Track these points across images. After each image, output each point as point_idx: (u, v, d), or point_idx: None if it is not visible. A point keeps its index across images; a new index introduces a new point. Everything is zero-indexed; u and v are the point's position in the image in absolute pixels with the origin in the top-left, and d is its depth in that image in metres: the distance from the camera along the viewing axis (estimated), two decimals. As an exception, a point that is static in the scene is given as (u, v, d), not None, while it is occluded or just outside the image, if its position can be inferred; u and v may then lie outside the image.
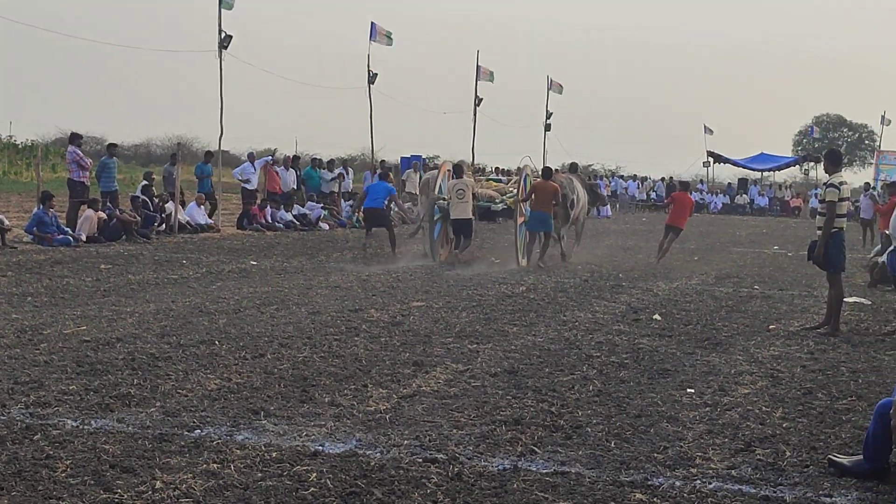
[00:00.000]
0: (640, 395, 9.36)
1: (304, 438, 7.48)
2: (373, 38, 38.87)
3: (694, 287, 19.11)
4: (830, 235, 13.55)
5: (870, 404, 8.88)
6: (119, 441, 7.22)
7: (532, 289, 17.72)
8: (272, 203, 32.42)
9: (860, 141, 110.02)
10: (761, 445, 7.77)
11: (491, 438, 7.66)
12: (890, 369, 11.00)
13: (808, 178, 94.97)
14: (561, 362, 10.81)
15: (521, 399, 9.02)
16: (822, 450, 7.69)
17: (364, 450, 7.23)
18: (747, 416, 8.73)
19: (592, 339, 12.40)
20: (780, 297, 17.94)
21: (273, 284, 16.94)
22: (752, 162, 75.51)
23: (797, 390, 9.86)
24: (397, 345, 11.52)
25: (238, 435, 7.52)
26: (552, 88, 54.79)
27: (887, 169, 67.28)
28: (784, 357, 11.70)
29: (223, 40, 30.56)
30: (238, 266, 20.04)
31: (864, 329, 14.23)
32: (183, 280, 17.30)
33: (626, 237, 33.84)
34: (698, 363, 11.08)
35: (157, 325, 12.23)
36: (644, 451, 7.51)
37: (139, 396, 8.61)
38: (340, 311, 13.99)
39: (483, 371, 10.17)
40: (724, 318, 14.74)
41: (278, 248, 25.07)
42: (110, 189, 27.26)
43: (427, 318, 13.68)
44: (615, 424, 8.25)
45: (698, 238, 34.66)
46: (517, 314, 14.37)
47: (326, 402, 8.63)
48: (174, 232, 27.75)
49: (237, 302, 14.55)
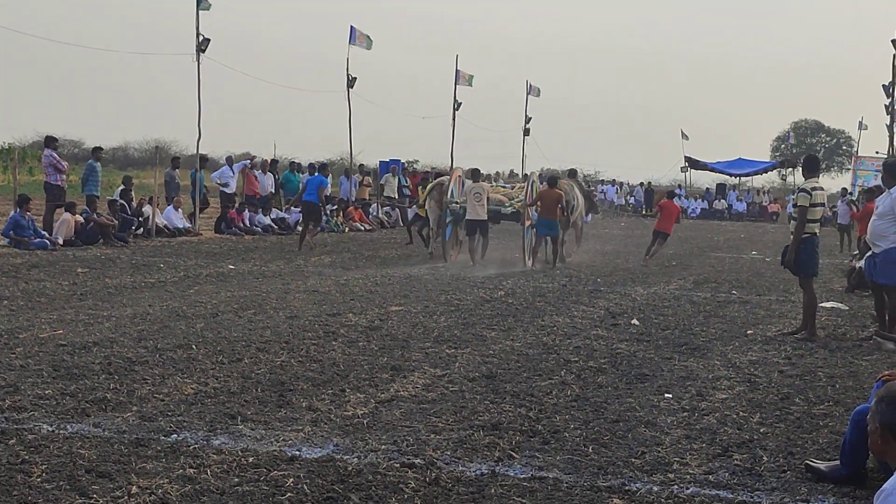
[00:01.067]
0: (617, 400, 9.36)
1: (282, 443, 7.45)
2: (352, 42, 38.81)
3: (672, 292, 19.14)
4: (802, 241, 13.66)
5: (847, 409, 8.90)
6: (95, 446, 7.18)
7: (510, 293, 17.72)
8: (250, 207, 32.37)
9: (838, 146, 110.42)
10: (739, 450, 7.78)
11: (468, 443, 7.64)
12: (867, 374, 11.02)
13: (785, 183, 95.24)
14: (539, 367, 10.81)
15: (499, 404, 9.01)
16: (799, 455, 7.71)
17: (341, 455, 7.21)
18: (725, 421, 8.74)
19: (570, 344, 12.40)
20: (758, 302, 17.99)
21: (251, 288, 16.90)
22: (729, 167, 75.65)
23: (775, 395, 9.88)
24: (375, 349, 11.50)
25: (215, 440, 7.49)
26: (531, 93, 54.82)
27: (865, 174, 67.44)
28: (761, 362, 11.73)
29: (201, 43, 30.50)
30: (216, 270, 19.98)
31: (841, 334, 14.27)
32: (160, 284, 17.24)
33: (605, 242, 33.88)
34: (676, 368, 11.10)
35: (134, 330, 12.17)
36: (622, 456, 7.51)
37: (115, 401, 8.56)
38: (318, 315, 13.96)
39: (461, 376, 10.16)
40: (702, 323, 14.77)
41: (256, 252, 25.02)
42: (96, 193, 27.19)
43: (405, 322, 13.66)
44: (593, 429, 8.25)
45: (677, 243, 34.68)
46: (495, 319, 14.36)
47: (304, 407, 8.60)
48: (152, 235, 27.67)
49: (215, 306, 14.51)
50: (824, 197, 13.83)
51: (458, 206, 24.73)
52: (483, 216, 23.99)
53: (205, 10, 30.51)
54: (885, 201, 13.68)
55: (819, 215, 13.70)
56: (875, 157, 61.50)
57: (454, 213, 24.91)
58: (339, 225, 35.14)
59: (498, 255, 25.34)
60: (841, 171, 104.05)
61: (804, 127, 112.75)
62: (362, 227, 36.26)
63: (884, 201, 13.77)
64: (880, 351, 12.79)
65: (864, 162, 70.11)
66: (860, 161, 71.79)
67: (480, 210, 23.89)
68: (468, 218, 24.12)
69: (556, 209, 23.85)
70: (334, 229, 34.59)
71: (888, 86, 32.58)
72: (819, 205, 13.66)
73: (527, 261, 24.18)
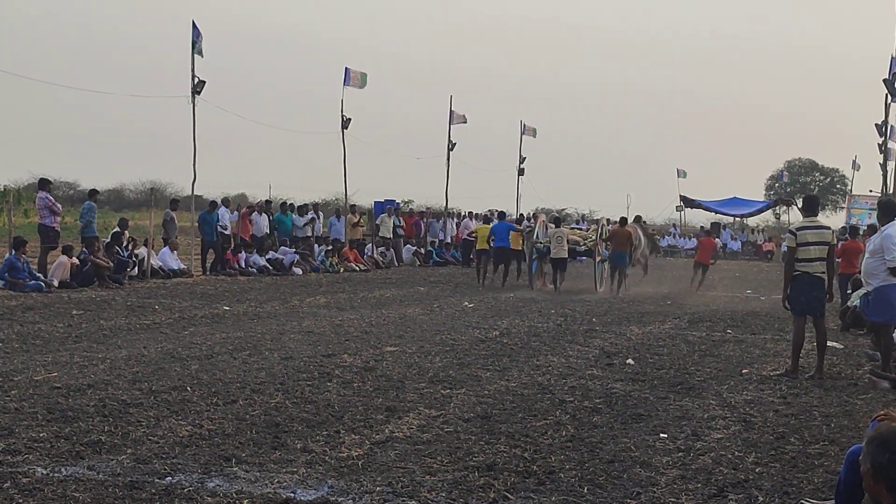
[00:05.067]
0: (613, 441, 9.35)
1: (276, 485, 7.44)
2: (346, 83, 38.95)
3: (667, 331, 19.14)
4: (792, 279, 13.77)
5: (842, 449, 8.90)
6: (89, 489, 7.17)
7: (505, 333, 17.72)
8: (245, 248, 32.38)
9: (832, 185, 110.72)
10: (734, 490, 7.77)
11: (464, 484, 7.63)
12: (862, 414, 11.02)
13: (780, 221, 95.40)
14: (534, 407, 10.80)
15: (494, 445, 9.00)
16: (794, 495, 7.70)
17: (336, 496, 7.20)
18: (720, 460, 8.73)
19: (565, 384, 12.39)
20: (753, 341, 18.00)
21: (246, 329, 16.89)
22: (724, 206, 75.64)
23: (770, 435, 9.88)
24: (370, 390, 11.49)
25: (209, 482, 7.48)
26: (525, 132, 54.94)
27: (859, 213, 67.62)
28: (757, 401, 11.72)
29: (196, 85, 30.60)
30: (211, 311, 19.97)
31: (836, 373, 14.27)
32: (155, 326, 17.23)
33: (581, 280, 33.90)
34: (671, 408, 11.09)
35: (129, 372, 12.16)
36: (617, 496, 7.50)
37: (110, 443, 8.55)
38: (313, 356, 13.95)
39: (456, 416, 10.15)
40: (698, 363, 14.77)
41: (251, 293, 25.01)
42: (94, 234, 27.29)
43: (400, 363, 13.66)
44: (588, 470, 8.24)
45: (671, 282, 34.78)
46: (490, 359, 14.36)
47: (298, 449, 8.59)
48: (147, 277, 27.66)
49: (209, 347, 14.50)
50: (822, 235, 13.83)
51: (543, 246, 30.88)
52: (564, 255, 30.19)
53: (199, 55, 30.66)
54: (877, 240, 13.78)
55: (813, 255, 13.72)
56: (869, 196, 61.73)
57: (538, 251, 31.17)
58: (333, 265, 35.14)
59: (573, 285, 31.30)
60: (835, 209, 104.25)
61: (798, 166, 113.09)
62: (357, 268, 36.24)
63: (875, 240, 13.87)
64: (875, 390, 12.80)
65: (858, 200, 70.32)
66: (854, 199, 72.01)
67: (561, 251, 30.02)
68: (552, 256, 30.24)
69: (627, 244, 30.00)
70: (329, 270, 34.59)
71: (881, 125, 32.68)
72: (810, 244, 13.69)
73: (598, 288, 30.34)
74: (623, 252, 30.03)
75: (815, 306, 13.92)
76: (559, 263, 30.32)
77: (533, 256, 31.53)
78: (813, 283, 13.80)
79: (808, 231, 13.80)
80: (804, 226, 13.99)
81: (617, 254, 30.10)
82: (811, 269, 13.74)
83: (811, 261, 13.73)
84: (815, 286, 13.83)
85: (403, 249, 42.56)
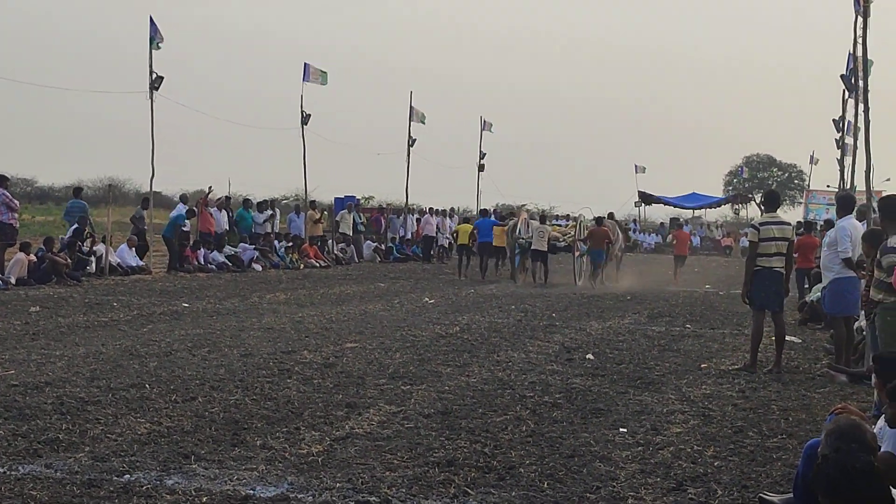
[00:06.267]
0: (573, 436, 9.37)
1: (236, 482, 7.41)
2: (306, 79, 38.82)
3: (627, 326, 19.21)
4: (753, 273, 13.84)
5: (800, 442, 8.94)
6: (47, 487, 7.11)
7: (466, 329, 17.73)
8: (205, 244, 32.21)
9: (790, 180, 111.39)
10: (693, 484, 7.81)
11: (424, 480, 7.63)
12: (820, 407, 11.09)
13: (738, 217, 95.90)
14: (494, 403, 10.81)
15: (455, 440, 9.00)
16: (753, 488, 7.74)
17: (296, 493, 7.18)
18: (679, 455, 8.77)
19: (526, 380, 12.41)
20: (712, 335, 18.10)
21: (205, 326, 16.82)
22: (683, 201, 76.14)
23: (728, 429, 9.93)
24: (330, 387, 11.47)
25: (168, 479, 7.44)
26: (485, 128, 54.93)
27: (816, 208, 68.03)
28: (715, 395, 11.78)
29: (154, 81, 30.43)
30: (169, 308, 19.87)
31: (794, 367, 14.36)
32: (113, 323, 17.12)
33: (562, 275, 34.04)
34: (631, 402, 11.13)
35: (87, 369, 12.09)
36: (577, 491, 7.51)
37: (68, 441, 8.50)
38: (273, 352, 13.91)
39: (416, 412, 10.15)
40: (657, 357, 14.83)
41: (210, 289, 24.89)
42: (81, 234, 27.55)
43: (361, 359, 13.64)
44: (548, 465, 8.25)
45: (631, 277, 34.90)
46: (451, 355, 14.36)
47: (258, 446, 8.56)
48: (105, 274, 27.47)
49: (168, 345, 14.43)
50: (783, 231, 13.91)
51: (525, 241, 32.70)
52: (545, 249, 32.13)
53: (157, 50, 30.49)
54: (832, 233, 13.92)
55: (774, 250, 13.80)
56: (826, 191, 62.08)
57: (521, 245, 33.01)
58: (294, 262, 35.03)
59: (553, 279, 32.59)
60: (793, 204, 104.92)
61: (756, 161, 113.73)
62: (317, 264, 36.14)
63: (831, 233, 14.01)
64: (833, 384, 12.88)
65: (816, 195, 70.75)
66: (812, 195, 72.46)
67: (543, 244, 31.96)
68: (534, 248, 32.18)
69: (603, 242, 31.86)
70: (289, 266, 34.48)
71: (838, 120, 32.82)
72: (772, 239, 13.77)
73: (577, 281, 32.04)
74: (600, 250, 31.93)
75: (775, 301, 14.00)
76: (540, 256, 32.25)
77: (516, 251, 33.42)
78: (773, 277, 13.87)
79: (772, 226, 13.88)
80: (767, 221, 14.08)
81: (595, 251, 31.92)
82: (772, 264, 13.81)
83: (772, 255, 13.81)
84: (776, 281, 13.90)
85: (364, 245, 42.47)
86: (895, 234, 10.48)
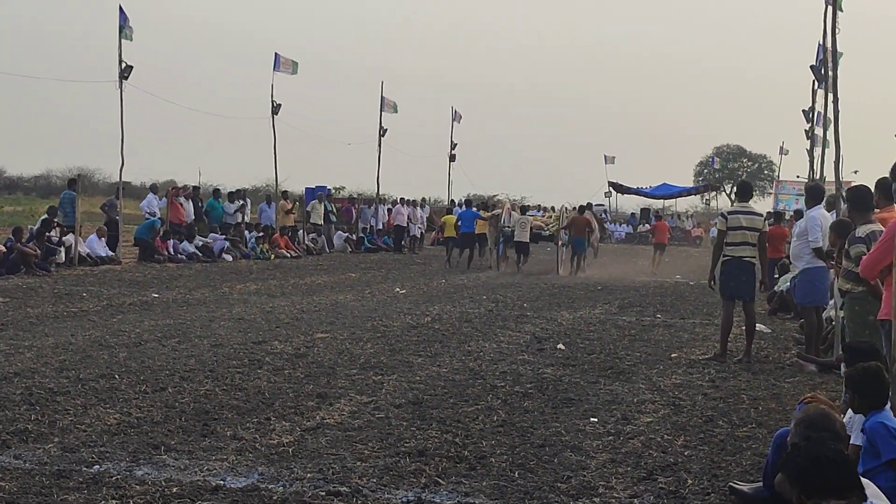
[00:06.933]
0: (543, 425, 9.39)
1: (206, 473, 7.39)
2: (276, 69, 38.73)
3: (597, 316, 19.26)
4: (723, 263, 13.92)
5: (770, 431, 8.99)
6: (16, 478, 7.07)
7: (437, 319, 17.73)
8: (175, 235, 32.09)
9: (760, 171, 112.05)
10: (663, 473, 7.83)
11: (395, 470, 7.63)
12: (789, 397, 11.14)
13: (709, 207, 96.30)
14: (465, 393, 10.81)
15: (426, 430, 9.00)
16: (723, 477, 7.77)
17: (266, 484, 7.16)
18: (650, 444, 8.79)
19: (497, 370, 12.42)
20: (682, 325, 18.16)
21: (175, 317, 16.75)
22: (654, 191, 76.33)
23: (699, 418, 9.96)
24: (301, 377, 11.45)
25: (138, 470, 7.41)
26: (456, 119, 54.92)
27: (786, 198, 68.42)
28: (686, 385, 11.83)
29: (123, 70, 30.24)
30: (139, 298, 19.78)
31: (764, 357, 14.42)
32: (83, 313, 17.03)
33: (532, 265, 34.20)
34: (602, 392, 11.16)
35: (56, 360, 12.02)
36: (548, 480, 7.53)
37: (37, 432, 8.45)
38: (244, 343, 13.88)
39: (387, 402, 10.14)
40: (627, 347, 14.87)
41: (181, 280, 24.79)
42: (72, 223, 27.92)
43: (331, 349, 13.62)
44: (519, 454, 8.26)
45: (601, 267, 35.05)
46: (422, 345, 14.36)
47: (228, 436, 8.54)
48: (74, 264, 27.31)
49: (138, 335, 14.37)
50: (752, 221, 13.95)
51: (509, 230, 33.80)
52: (527, 239, 33.53)
53: (127, 40, 30.32)
54: (802, 223, 13.99)
55: (743, 239, 13.85)
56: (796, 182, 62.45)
57: (504, 235, 34.18)
58: (264, 252, 34.94)
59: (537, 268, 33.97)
60: (763, 195, 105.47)
61: (727, 152, 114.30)
62: (288, 254, 36.05)
63: (801, 223, 14.07)
64: (802, 373, 12.95)
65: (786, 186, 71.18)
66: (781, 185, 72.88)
67: (525, 235, 33.32)
68: (517, 239, 33.43)
69: (585, 231, 33.22)
70: (260, 256, 34.39)
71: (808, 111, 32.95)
72: (739, 228, 13.82)
73: (560, 270, 33.14)
74: (582, 238, 33.25)
75: (746, 290, 14.05)
76: (522, 247, 33.57)
77: (500, 240, 34.61)
78: (742, 267, 13.92)
79: (741, 216, 13.94)
80: (736, 210, 14.17)
81: (576, 240, 33.32)
82: (740, 254, 13.86)
83: (740, 245, 13.85)
84: (745, 270, 13.95)
85: (335, 236, 42.39)
86: (863, 224, 10.53)
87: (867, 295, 10.05)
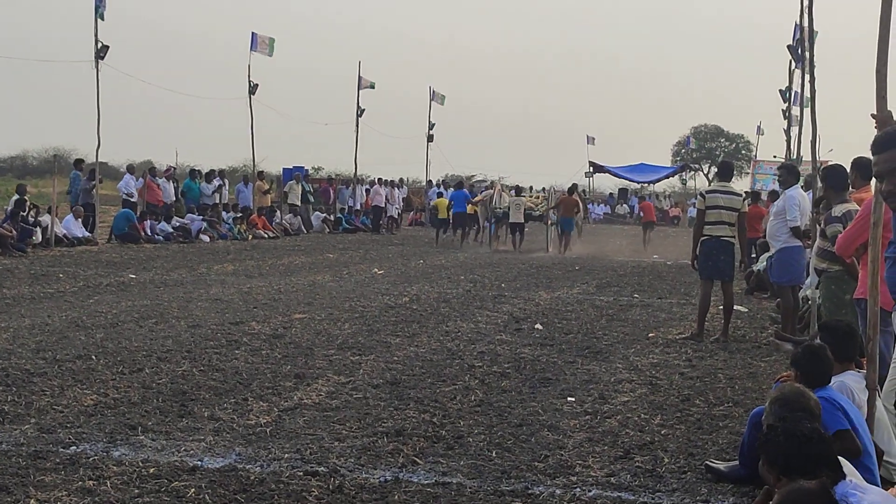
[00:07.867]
0: (521, 405, 9.40)
1: (183, 453, 7.38)
2: (254, 49, 38.62)
3: (575, 296, 19.29)
4: (700, 242, 13.96)
5: (746, 410, 9.02)
6: (-9, 459, 7.05)
7: (415, 300, 17.73)
8: (152, 215, 31.98)
9: (737, 151, 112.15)
10: (640, 452, 7.86)
11: (372, 450, 7.63)
12: (766, 376, 11.20)
13: (686, 188, 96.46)
14: (443, 373, 10.82)
15: (403, 410, 9.01)
16: (699, 456, 7.80)
17: (244, 464, 7.16)
18: (627, 423, 8.82)
19: (474, 349, 12.44)
20: (659, 305, 18.21)
21: (152, 298, 16.71)
22: (631, 172, 76.18)
23: (675, 397, 10.00)
24: (278, 357, 11.44)
25: (115, 451, 7.39)
26: (434, 99, 54.86)
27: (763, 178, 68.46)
28: (663, 364, 11.86)
29: (100, 50, 30.11)
30: (116, 279, 19.72)
31: (740, 336, 14.47)
32: (59, 294, 16.98)
33: (532, 244, 34.45)
34: (579, 372, 11.18)
35: (33, 341, 11.98)
36: (525, 459, 7.54)
37: (13, 413, 8.42)
38: (221, 324, 13.85)
39: (365, 383, 10.14)
40: (605, 327, 14.90)
41: (158, 260, 24.73)
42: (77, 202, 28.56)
43: (309, 330, 13.61)
44: (496, 434, 8.28)
45: (579, 247, 35.14)
46: (400, 325, 14.36)
47: (206, 417, 8.53)
48: (51, 245, 27.21)
49: (115, 316, 14.33)
50: (731, 201, 13.96)
51: (500, 211, 35.29)
52: (521, 220, 34.54)
53: (102, 19, 30.19)
54: (780, 202, 14.02)
55: (721, 218, 13.87)
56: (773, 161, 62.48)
57: (495, 215, 35.66)
58: (242, 233, 34.87)
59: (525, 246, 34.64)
60: (740, 174, 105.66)
61: (704, 132, 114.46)
62: (266, 235, 35.99)
63: (779, 203, 14.11)
64: (779, 352, 12.99)
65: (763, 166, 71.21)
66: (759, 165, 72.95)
67: (519, 216, 34.33)
68: (512, 220, 34.56)
69: (572, 211, 34.70)
70: (237, 237, 34.33)
71: (784, 91, 33.06)
72: (718, 207, 13.84)
73: (549, 248, 34.48)
74: (570, 218, 34.75)
75: (724, 270, 14.09)
76: (517, 227, 34.64)
77: (491, 221, 36.15)
78: (721, 246, 13.95)
79: (719, 195, 13.96)
80: (715, 189, 14.20)
81: (564, 219, 34.73)
82: (719, 233, 13.89)
83: (717, 224, 13.88)
84: (724, 250, 13.98)
85: (312, 216, 42.32)
86: (839, 203, 10.56)
87: (843, 274, 10.11)
